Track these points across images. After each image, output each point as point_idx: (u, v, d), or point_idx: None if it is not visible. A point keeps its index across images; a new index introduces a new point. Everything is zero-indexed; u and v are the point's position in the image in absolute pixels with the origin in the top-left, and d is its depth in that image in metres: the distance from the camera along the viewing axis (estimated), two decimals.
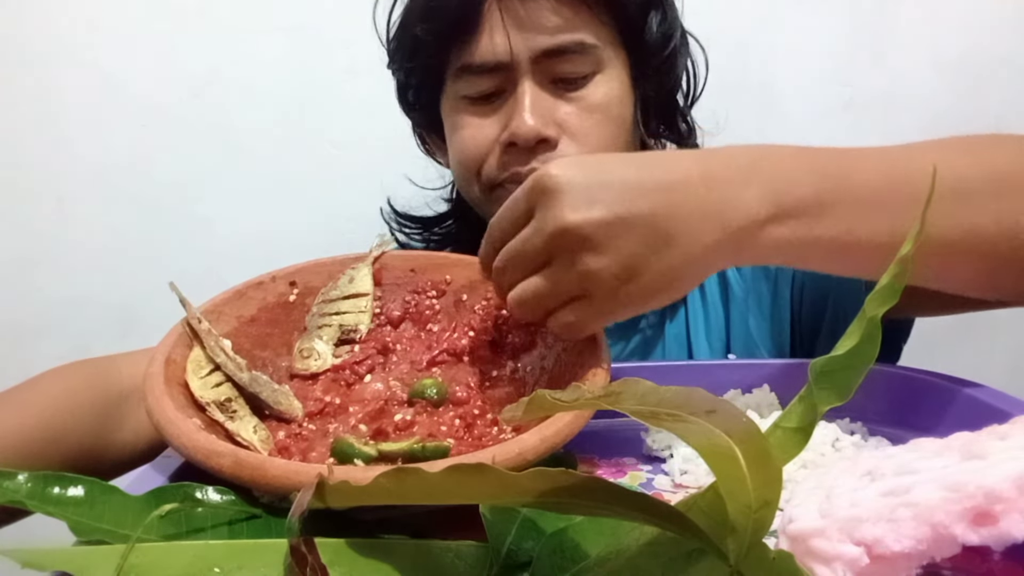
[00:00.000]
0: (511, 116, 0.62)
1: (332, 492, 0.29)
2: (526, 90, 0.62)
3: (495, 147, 0.64)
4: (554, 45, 0.61)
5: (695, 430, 0.24)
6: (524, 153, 0.62)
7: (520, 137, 0.61)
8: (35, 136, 1.11)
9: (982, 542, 0.25)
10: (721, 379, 0.53)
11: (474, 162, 0.65)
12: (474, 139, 0.65)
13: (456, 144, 0.67)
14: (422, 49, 0.66)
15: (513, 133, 0.61)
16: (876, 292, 0.31)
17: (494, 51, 0.61)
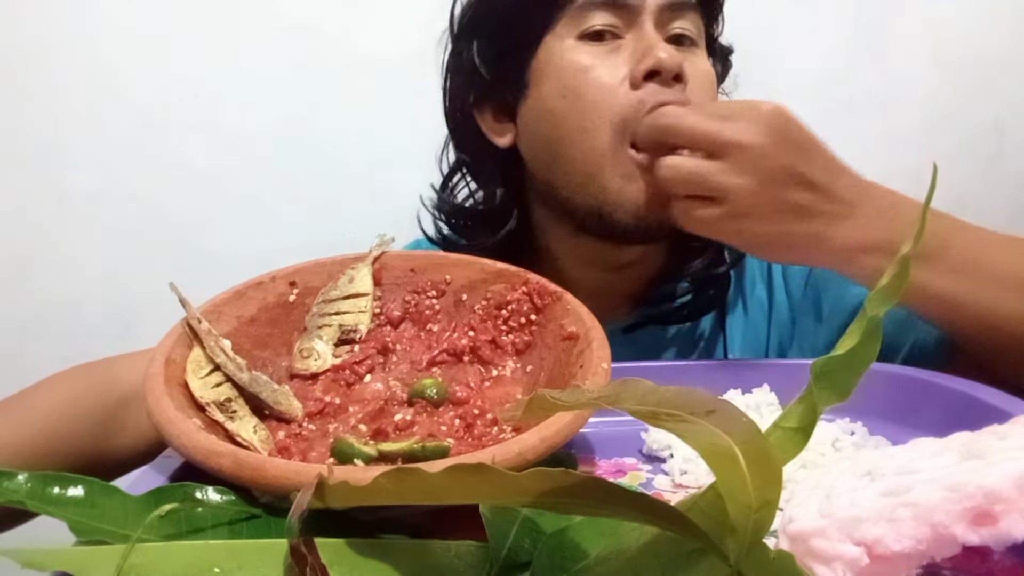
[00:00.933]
0: (643, 50, 0.60)
1: (332, 492, 0.29)
2: (652, 28, 0.61)
3: (624, 85, 0.60)
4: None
5: (695, 430, 0.24)
6: (663, 89, 0.59)
7: (667, 64, 0.59)
8: (35, 136, 1.11)
9: (982, 542, 0.25)
10: (721, 379, 0.53)
11: (606, 105, 0.60)
12: (603, 78, 0.61)
13: (579, 88, 0.61)
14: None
15: (659, 61, 0.59)
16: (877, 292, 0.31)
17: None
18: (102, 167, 1.13)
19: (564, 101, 0.62)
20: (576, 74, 0.62)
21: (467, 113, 0.72)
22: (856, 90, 1.33)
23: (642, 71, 0.59)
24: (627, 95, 0.60)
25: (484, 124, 0.71)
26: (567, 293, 0.49)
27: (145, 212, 1.15)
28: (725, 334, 0.72)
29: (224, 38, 1.13)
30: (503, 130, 0.69)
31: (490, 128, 0.70)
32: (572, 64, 0.62)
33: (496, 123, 0.70)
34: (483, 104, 0.70)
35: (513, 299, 0.50)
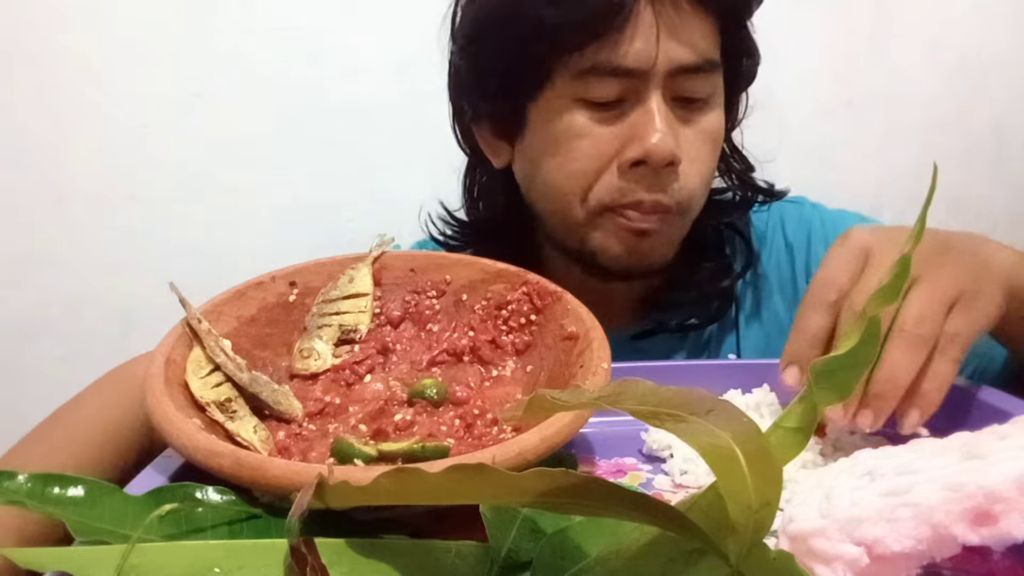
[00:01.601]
0: (638, 131, 0.57)
1: (332, 492, 0.29)
2: (657, 105, 0.57)
3: (611, 166, 0.59)
4: (694, 61, 0.57)
5: (695, 430, 0.24)
6: (649, 176, 0.58)
7: (654, 156, 0.56)
8: (35, 136, 1.11)
9: (982, 542, 0.26)
10: (721, 379, 0.53)
11: (586, 179, 0.59)
12: (589, 154, 0.59)
13: (569, 154, 0.60)
14: (545, 36, 0.57)
15: (648, 151, 0.56)
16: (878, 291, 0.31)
17: (640, 55, 0.56)
18: (102, 167, 1.13)
19: (552, 161, 0.61)
20: (568, 139, 0.60)
21: (467, 127, 0.71)
22: (856, 90, 1.33)
23: (629, 160, 0.58)
24: (610, 180, 0.59)
25: (482, 141, 0.69)
26: (567, 293, 0.49)
27: (145, 212, 1.15)
28: (739, 343, 0.71)
29: (224, 38, 1.13)
30: (499, 150, 0.68)
31: (488, 146, 0.69)
32: (566, 127, 0.59)
33: (494, 141, 0.68)
34: (481, 122, 0.68)
35: (513, 299, 0.50)
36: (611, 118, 0.59)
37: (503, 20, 0.61)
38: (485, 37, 0.63)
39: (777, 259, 0.73)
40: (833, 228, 0.73)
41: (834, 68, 1.32)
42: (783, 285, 0.72)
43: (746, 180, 0.71)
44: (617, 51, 0.56)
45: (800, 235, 0.73)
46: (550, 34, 0.57)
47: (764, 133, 0.71)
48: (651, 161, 0.57)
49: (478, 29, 0.64)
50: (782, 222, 0.75)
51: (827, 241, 0.71)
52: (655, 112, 0.57)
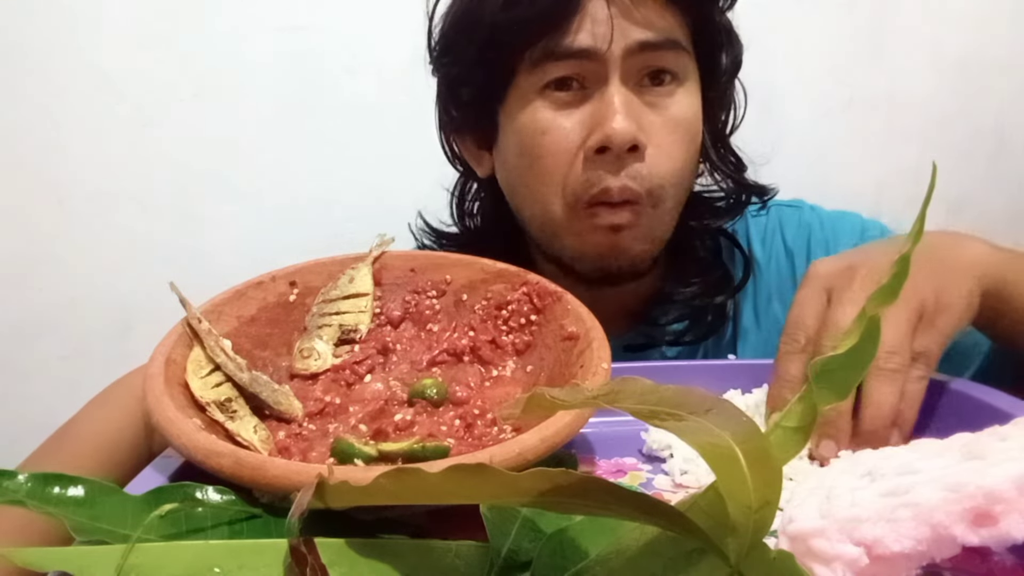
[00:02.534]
0: (599, 117, 0.58)
1: (332, 492, 0.29)
2: (616, 89, 0.58)
3: (579, 155, 0.59)
4: (651, 39, 0.58)
5: (695, 429, 0.24)
6: (614, 161, 0.58)
7: (615, 140, 0.57)
8: (35, 136, 1.11)
9: (982, 543, 0.25)
10: (721, 379, 0.53)
11: (557, 174, 0.60)
12: (557, 147, 0.59)
13: (535, 150, 0.61)
14: (501, 39, 0.60)
15: (608, 136, 0.57)
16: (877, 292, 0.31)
17: (591, 37, 0.57)
18: (102, 167, 1.13)
19: (522, 161, 0.62)
20: (534, 135, 0.60)
21: (450, 137, 0.73)
22: (856, 90, 1.33)
23: (592, 147, 0.58)
24: (577, 172, 0.59)
25: (465, 151, 0.71)
26: (567, 293, 0.49)
27: (145, 212, 1.15)
28: (736, 352, 0.71)
29: (224, 38, 1.13)
30: (481, 159, 0.69)
31: (471, 156, 0.71)
32: (531, 124, 0.60)
33: (476, 151, 0.69)
34: (463, 132, 0.70)
35: (513, 299, 0.50)
36: (573, 106, 0.59)
37: (463, 30, 0.63)
38: (453, 49, 0.65)
39: (777, 264, 0.73)
40: (832, 231, 0.72)
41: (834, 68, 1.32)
42: (783, 291, 0.72)
43: (737, 180, 0.71)
44: (568, 35, 0.57)
45: (800, 240, 0.73)
46: (506, 35, 0.59)
47: (764, 134, 0.71)
48: (613, 145, 0.57)
49: (445, 42, 0.66)
50: (781, 227, 0.74)
51: (827, 244, 0.71)
52: (614, 96, 0.57)
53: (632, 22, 0.58)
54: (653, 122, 0.59)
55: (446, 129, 0.73)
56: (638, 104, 0.59)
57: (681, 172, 0.62)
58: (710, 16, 0.63)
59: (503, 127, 0.64)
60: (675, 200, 0.63)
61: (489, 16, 0.60)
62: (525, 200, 0.64)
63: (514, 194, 0.66)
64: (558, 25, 0.57)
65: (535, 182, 0.62)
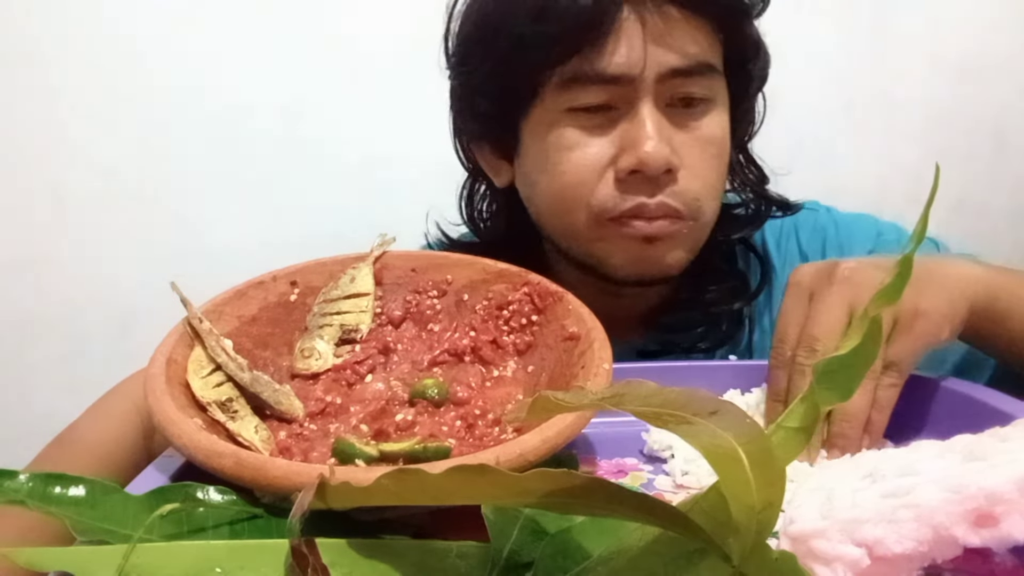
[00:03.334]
0: (630, 140, 0.56)
1: (333, 493, 0.29)
2: (648, 112, 0.56)
3: (607, 173, 0.58)
4: (685, 64, 0.56)
5: (698, 431, 0.24)
6: (647, 183, 0.57)
7: (650, 164, 0.55)
8: (35, 136, 1.11)
9: (983, 544, 0.26)
10: (721, 379, 0.53)
11: (583, 189, 0.58)
12: (584, 162, 0.58)
13: (560, 167, 0.59)
14: (527, 53, 0.57)
15: (642, 160, 0.55)
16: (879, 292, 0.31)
17: (625, 62, 0.55)
18: (102, 167, 1.13)
19: (545, 177, 0.61)
20: (560, 152, 0.59)
21: (467, 147, 0.71)
22: (856, 90, 1.33)
23: (624, 169, 0.57)
24: (607, 189, 0.58)
25: (483, 160, 0.69)
26: (568, 293, 0.49)
27: (145, 212, 1.15)
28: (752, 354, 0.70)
29: (224, 39, 1.13)
30: (500, 169, 0.68)
31: (488, 165, 0.69)
32: (556, 141, 0.59)
33: (494, 160, 0.68)
34: (481, 141, 0.68)
35: (514, 299, 0.50)
36: (602, 127, 0.58)
37: (487, 39, 0.61)
38: (472, 57, 0.63)
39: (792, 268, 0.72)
40: (847, 233, 0.71)
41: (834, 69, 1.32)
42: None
43: (760, 193, 0.69)
44: (601, 60, 0.55)
45: (815, 243, 0.72)
46: (533, 50, 0.57)
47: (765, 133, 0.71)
48: (646, 170, 0.56)
49: (465, 50, 0.64)
50: (796, 230, 0.73)
51: (841, 247, 0.70)
52: (646, 119, 0.56)
53: (666, 46, 0.56)
54: (684, 142, 0.58)
55: (461, 135, 0.71)
56: (668, 126, 0.57)
57: (714, 188, 0.61)
58: (742, 29, 0.62)
59: (525, 141, 0.62)
60: (712, 212, 0.62)
61: (516, 27, 0.57)
62: (548, 213, 0.63)
63: (537, 207, 0.65)
64: (590, 45, 0.55)
65: (560, 198, 0.60)
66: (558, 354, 0.47)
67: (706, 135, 0.59)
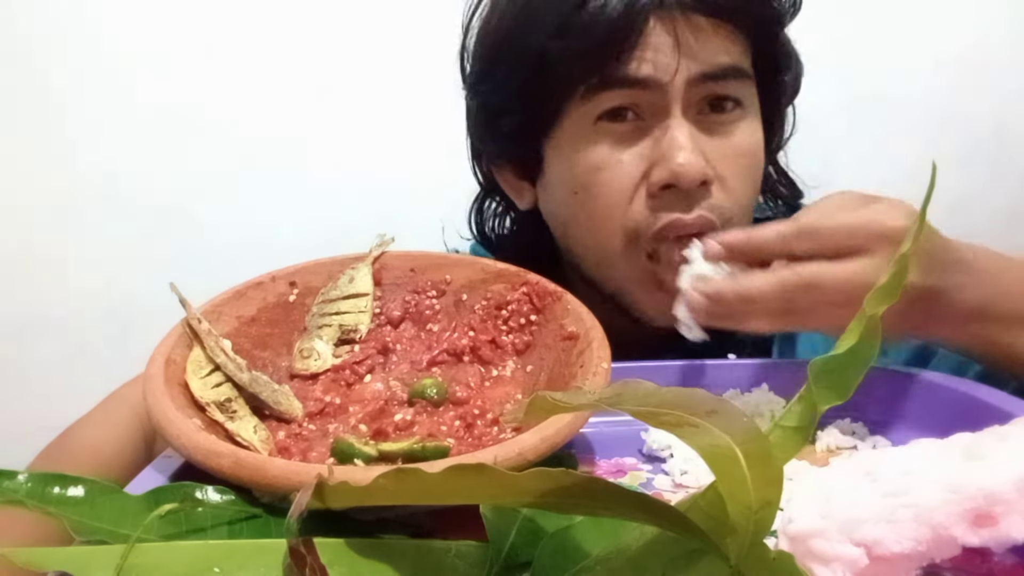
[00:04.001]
0: (662, 152, 0.54)
1: (332, 492, 0.29)
2: (679, 123, 0.54)
3: (640, 190, 0.55)
4: (715, 68, 0.54)
5: (696, 431, 0.24)
6: (682, 198, 0.54)
7: (684, 177, 0.53)
8: (35, 136, 1.11)
9: (982, 543, 0.26)
10: (720, 379, 0.53)
11: (618, 209, 0.55)
12: (615, 181, 0.55)
13: (591, 188, 0.56)
14: (552, 69, 0.55)
15: (675, 173, 0.53)
16: (876, 291, 0.31)
17: (653, 67, 0.53)
18: (103, 167, 1.13)
19: (576, 198, 0.58)
20: (589, 172, 0.56)
21: (487, 169, 0.68)
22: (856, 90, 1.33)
23: (657, 184, 0.54)
24: (639, 207, 0.55)
25: (504, 183, 0.66)
26: (567, 293, 0.49)
27: (145, 212, 1.15)
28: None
29: (224, 39, 1.13)
30: (522, 192, 0.65)
31: (510, 187, 0.66)
32: (584, 161, 0.56)
33: (516, 182, 0.65)
34: (502, 162, 0.65)
35: (513, 299, 0.50)
36: (631, 139, 0.55)
37: (508, 57, 0.58)
38: (493, 76, 0.61)
39: None
40: None
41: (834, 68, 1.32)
42: None
43: (793, 208, 0.67)
44: (628, 66, 0.53)
45: None
46: (557, 66, 0.55)
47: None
48: (680, 183, 0.53)
49: (485, 68, 0.62)
50: None
51: None
52: (678, 129, 0.54)
53: (696, 54, 0.54)
54: (718, 150, 0.56)
55: (480, 157, 0.68)
56: (700, 135, 0.55)
57: (750, 201, 0.59)
58: (773, 36, 0.60)
59: (549, 159, 0.60)
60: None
61: (538, 43, 0.55)
62: (578, 236, 0.60)
63: (565, 230, 0.62)
64: (616, 58, 0.53)
65: (591, 220, 0.57)
66: (557, 354, 0.47)
67: (739, 144, 0.57)
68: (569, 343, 0.47)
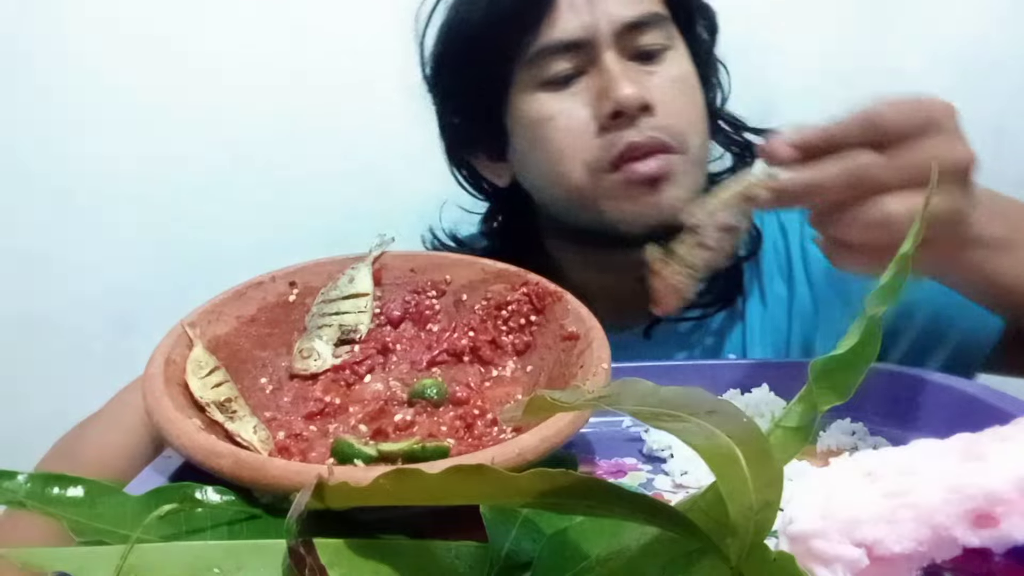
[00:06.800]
0: (603, 91, 0.60)
1: (332, 493, 0.29)
2: (613, 60, 0.60)
3: (590, 128, 0.61)
4: (636, 16, 0.60)
5: (695, 431, 0.24)
6: (629, 125, 0.60)
7: (626, 103, 0.58)
8: (35, 136, 1.11)
9: (983, 544, 0.25)
10: (720, 379, 0.53)
11: (574, 149, 0.61)
12: (568, 126, 0.61)
13: (547, 137, 0.62)
14: (488, 42, 0.63)
15: (618, 101, 0.58)
16: (877, 291, 0.31)
17: (578, 26, 0.60)
18: (102, 167, 1.13)
19: (536, 151, 0.64)
20: (541, 124, 0.62)
21: (462, 158, 0.74)
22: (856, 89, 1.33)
23: (605, 115, 0.59)
24: (593, 139, 0.61)
25: (481, 167, 0.73)
26: (567, 293, 0.49)
27: (145, 212, 1.15)
28: (745, 330, 0.71)
29: (224, 38, 1.13)
30: (500, 171, 0.71)
31: (488, 170, 0.72)
32: (537, 115, 0.63)
33: (492, 163, 0.71)
34: (475, 149, 0.72)
35: (513, 299, 0.50)
36: (577, 91, 0.61)
37: (453, 44, 0.66)
38: (444, 68, 0.68)
39: (773, 242, 0.74)
40: None
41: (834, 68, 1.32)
42: (781, 267, 0.73)
43: (739, 140, 0.72)
44: (555, 30, 0.60)
45: (792, 216, 0.74)
46: (492, 38, 0.62)
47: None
48: (625, 108, 0.59)
49: (438, 61, 0.69)
50: None
51: None
52: (613, 68, 0.59)
53: (612, 4, 0.60)
54: (654, 84, 0.61)
55: (455, 151, 0.74)
56: (637, 72, 0.61)
57: (696, 123, 0.63)
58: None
59: (512, 130, 0.66)
60: (700, 148, 0.64)
61: (475, 23, 0.63)
62: (549, 185, 0.65)
63: (537, 184, 0.67)
64: (542, 18, 0.60)
65: (554, 164, 0.63)
66: (557, 354, 0.47)
67: (672, 73, 0.62)
68: (569, 343, 0.47)
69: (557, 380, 0.45)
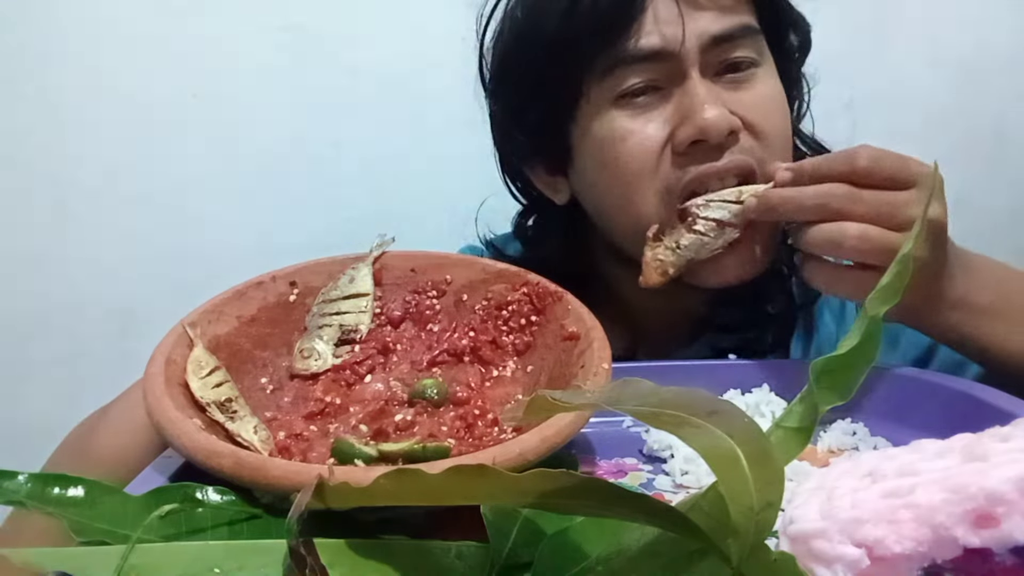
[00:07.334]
0: (685, 112, 0.54)
1: (332, 493, 0.29)
2: (698, 81, 0.55)
3: (666, 152, 0.56)
4: (725, 30, 0.55)
5: (696, 431, 0.24)
6: (711, 151, 0.55)
7: (711, 130, 0.53)
8: (35, 136, 1.11)
9: (983, 544, 0.25)
10: (721, 379, 0.53)
11: (647, 173, 0.56)
12: (641, 147, 0.56)
13: (618, 159, 0.57)
14: (564, 51, 0.57)
15: (702, 128, 0.53)
16: (877, 291, 0.31)
17: (662, 38, 0.54)
18: (102, 167, 1.13)
19: (605, 173, 0.58)
20: (615, 144, 0.57)
21: (518, 169, 0.69)
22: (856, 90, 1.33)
23: (684, 141, 0.55)
24: (668, 168, 0.56)
25: (537, 180, 0.67)
26: (567, 293, 0.49)
27: (145, 212, 1.15)
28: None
29: (224, 38, 1.13)
30: (557, 186, 0.66)
31: (544, 184, 0.67)
32: (609, 134, 0.57)
33: (550, 178, 0.66)
34: (533, 161, 0.66)
35: (514, 299, 0.50)
36: (652, 109, 0.56)
37: (523, 48, 0.60)
38: (511, 72, 0.63)
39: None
40: None
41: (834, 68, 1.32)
42: (833, 308, 0.69)
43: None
44: (639, 39, 0.55)
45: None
46: (568, 49, 0.56)
47: None
48: (709, 136, 0.54)
49: (503, 67, 0.64)
50: None
51: None
52: (698, 88, 0.54)
53: (702, 15, 0.55)
54: (739, 102, 0.56)
55: (511, 162, 0.69)
56: (721, 91, 0.56)
57: (785, 143, 0.59)
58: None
59: (577, 147, 0.61)
60: None
61: (549, 32, 0.57)
62: (612, 211, 0.60)
63: (600, 208, 0.62)
64: (624, 30, 0.55)
65: (624, 189, 0.58)
66: (557, 354, 0.47)
67: (762, 92, 0.57)
68: (570, 343, 0.47)
69: (558, 380, 0.45)
